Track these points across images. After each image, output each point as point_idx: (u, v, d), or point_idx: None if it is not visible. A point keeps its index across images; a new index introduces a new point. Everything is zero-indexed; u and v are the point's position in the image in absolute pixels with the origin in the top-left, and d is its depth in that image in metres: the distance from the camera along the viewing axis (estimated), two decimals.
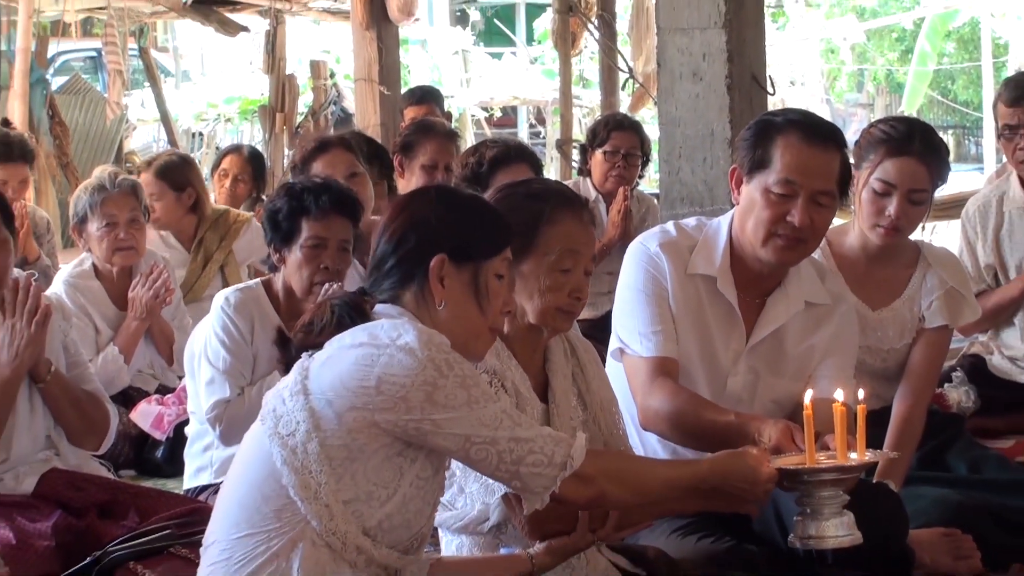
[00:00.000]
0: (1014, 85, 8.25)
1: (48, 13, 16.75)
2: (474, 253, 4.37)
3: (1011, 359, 8.07)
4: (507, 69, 29.63)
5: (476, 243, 4.39)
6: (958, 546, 5.75)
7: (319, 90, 18.55)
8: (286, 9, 18.86)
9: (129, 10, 18.17)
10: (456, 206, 4.58)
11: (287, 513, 4.22)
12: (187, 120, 22.70)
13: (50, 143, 14.77)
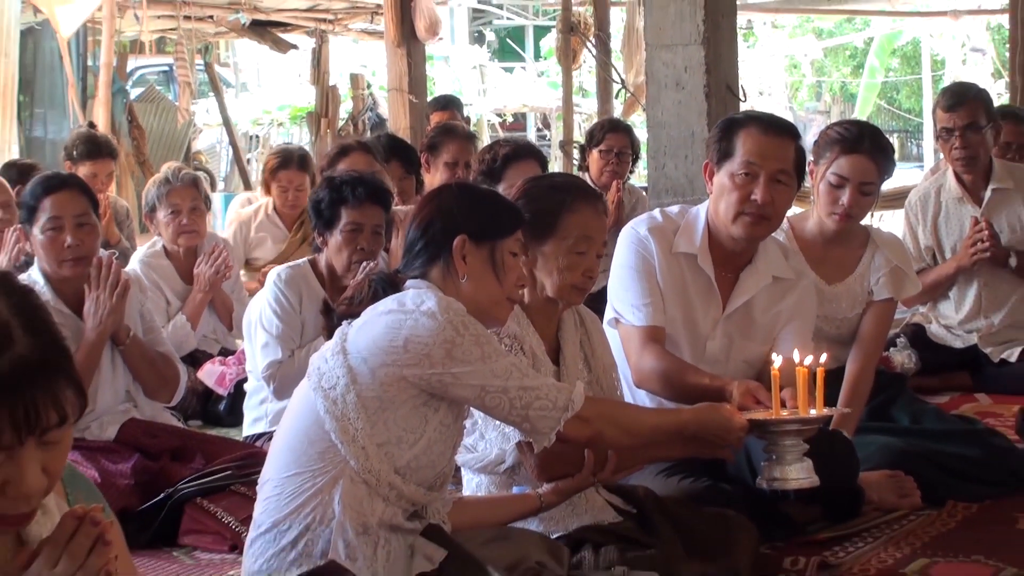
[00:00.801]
0: (950, 94, 8.30)
1: (127, 33, 16.74)
2: (490, 234, 4.39)
3: (946, 327, 8.13)
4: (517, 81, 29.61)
5: (492, 226, 4.41)
6: (901, 486, 5.76)
7: (358, 99, 18.52)
8: (329, 30, 18.85)
9: (196, 31, 18.16)
10: (474, 196, 4.65)
11: (329, 455, 4.23)
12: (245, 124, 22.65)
13: (129, 144, 14.76)
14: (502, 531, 4.59)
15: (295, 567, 4.20)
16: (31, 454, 2.27)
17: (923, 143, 26.60)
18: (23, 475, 2.27)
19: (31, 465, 2.28)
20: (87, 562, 2.34)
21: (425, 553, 4.28)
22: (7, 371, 2.23)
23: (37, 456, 2.28)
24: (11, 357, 2.24)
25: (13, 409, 2.23)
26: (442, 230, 4.41)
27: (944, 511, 5.69)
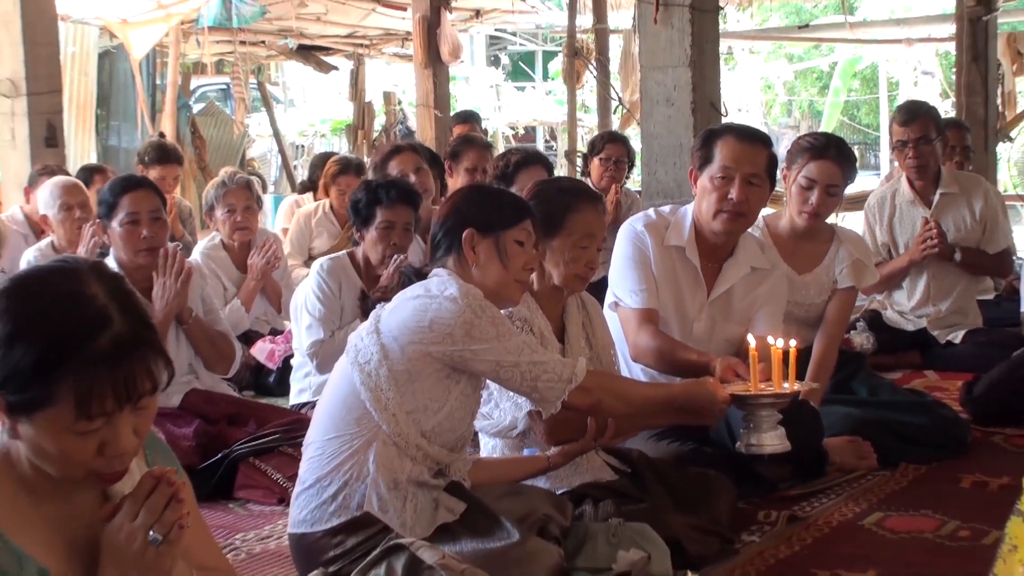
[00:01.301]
0: (904, 111, 8.27)
1: (190, 56, 16.75)
2: (495, 226, 4.43)
3: (899, 313, 8.12)
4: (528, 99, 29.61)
5: (495, 218, 4.44)
6: (859, 449, 5.76)
7: (390, 113, 18.56)
8: (365, 53, 18.85)
9: (250, 54, 18.16)
10: (481, 194, 4.73)
11: (364, 421, 4.25)
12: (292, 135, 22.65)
13: (192, 152, 14.76)
14: (514, 487, 4.61)
15: (335, 518, 4.21)
16: (126, 419, 2.31)
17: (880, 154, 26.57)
18: (119, 437, 2.30)
19: (126, 428, 2.31)
20: (163, 516, 2.36)
21: (447, 506, 4.29)
22: (109, 348, 2.26)
23: (130, 420, 2.32)
24: (111, 335, 2.27)
25: (115, 381, 2.26)
26: (454, 225, 4.47)
27: (897, 472, 5.69)
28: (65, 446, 2.30)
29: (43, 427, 2.28)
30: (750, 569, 4.51)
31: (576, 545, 4.35)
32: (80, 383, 2.25)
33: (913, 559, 4.59)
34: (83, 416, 2.27)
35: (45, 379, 2.26)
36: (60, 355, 2.26)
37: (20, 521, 2.34)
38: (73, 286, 2.34)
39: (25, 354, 2.26)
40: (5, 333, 2.29)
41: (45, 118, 9.47)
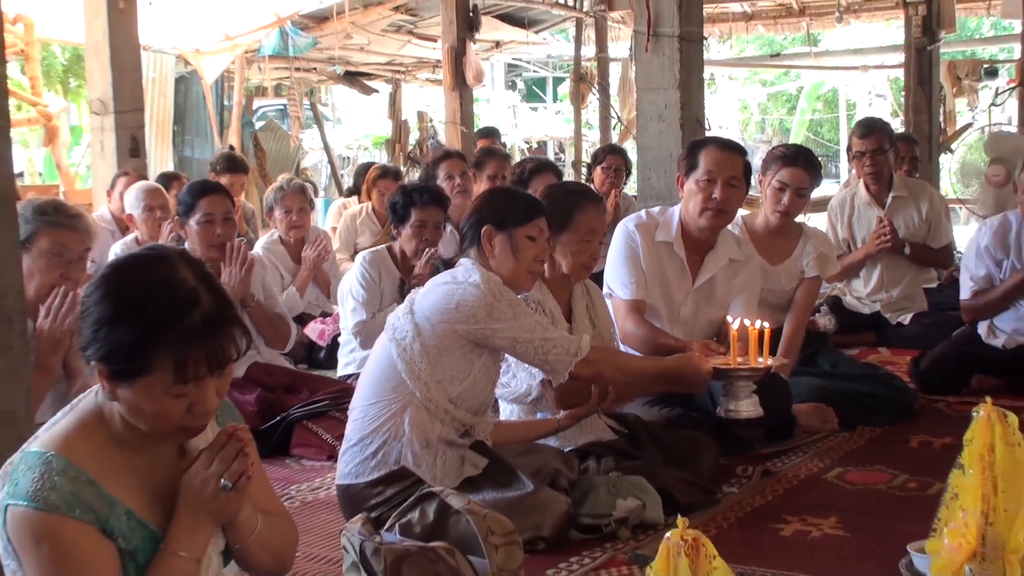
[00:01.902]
0: (862, 126, 8.34)
1: (253, 80, 16.74)
2: (508, 223, 4.44)
3: (857, 298, 8.12)
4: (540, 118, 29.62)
5: (509, 217, 4.45)
6: (823, 414, 5.75)
7: (423, 130, 18.53)
8: (402, 78, 18.84)
9: (304, 79, 18.17)
10: (498, 196, 4.78)
11: (400, 388, 4.28)
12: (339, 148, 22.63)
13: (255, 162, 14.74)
14: (529, 446, 4.63)
15: (375, 471, 4.24)
16: (211, 382, 2.35)
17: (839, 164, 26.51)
18: (206, 398, 2.35)
19: (211, 390, 2.36)
20: (232, 467, 2.38)
21: (472, 461, 4.32)
22: (200, 323, 2.31)
23: (214, 383, 2.37)
24: (202, 312, 2.32)
25: (208, 351, 2.31)
26: (476, 222, 4.49)
27: (855, 433, 5.68)
28: (161, 407, 2.33)
29: (142, 391, 2.32)
30: (730, 515, 4.50)
31: (581, 495, 4.36)
32: (177, 354, 2.29)
33: (869, 507, 4.58)
34: (180, 381, 2.31)
35: (145, 352, 2.29)
36: (159, 332, 2.29)
37: (111, 471, 2.36)
38: (166, 272, 2.37)
39: (127, 332, 2.30)
40: (108, 314, 2.33)
41: (129, 132, 9.48)
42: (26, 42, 12.16)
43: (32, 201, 4.69)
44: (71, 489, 2.28)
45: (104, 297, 2.35)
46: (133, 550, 2.36)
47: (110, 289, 2.36)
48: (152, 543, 2.39)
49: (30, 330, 4.14)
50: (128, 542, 2.35)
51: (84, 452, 2.35)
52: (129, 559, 2.36)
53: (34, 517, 2.25)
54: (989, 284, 6.42)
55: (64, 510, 2.26)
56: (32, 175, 17.12)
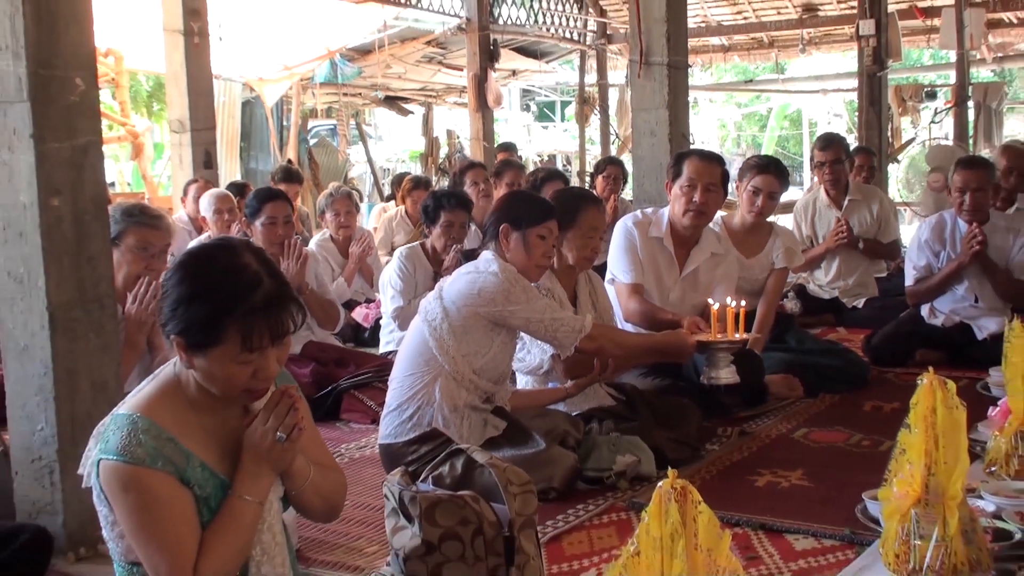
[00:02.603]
0: (823, 141, 8.47)
1: (307, 104, 16.70)
2: (522, 223, 4.43)
3: (819, 286, 8.11)
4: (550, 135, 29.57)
5: (523, 218, 4.44)
6: (790, 384, 5.75)
7: (451, 145, 18.48)
8: (433, 101, 18.80)
9: (350, 103, 18.16)
10: (515, 199, 4.76)
11: (432, 362, 4.28)
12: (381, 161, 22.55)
13: (309, 173, 14.72)
14: (542, 411, 4.63)
15: (411, 432, 4.25)
16: (271, 351, 2.37)
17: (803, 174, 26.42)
18: (268, 365, 2.37)
19: (272, 358, 2.38)
20: (285, 420, 2.40)
21: (493, 424, 4.32)
22: (262, 301, 2.33)
23: (274, 353, 2.38)
24: (263, 292, 2.34)
25: (269, 325, 2.34)
26: (496, 220, 4.49)
27: (818, 400, 5.67)
28: (230, 372, 2.35)
29: (214, 359, 2.34)
30: (712, 469, 4.51)
31: (586, 452, 4.36)
32: (244, 328, 2.31)
33: (829, 461, 4.58)
34: (246, 350, 2.33)
35: (216, 326, 2.31)
36: (228, 308, 2.31)
37: (187, 429, 2.38)
38: (233, 258, 2.39)
39: (201, 309, 2.32)
40: (184, 294, 2.35)
41: (203, 148, 9.47)
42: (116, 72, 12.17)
43: (120, 204, 4.69)
44: (154, 445, 2.29)
45: (181, 280, 2.37)
46: (207, 497, 2.37)
47: (186, 273, 2.38)
48: (222, 490, 2.40)
49: (119, 314, 4.14)
50: (202, 490, 2.36)
51: (164, 413, 2.36)
52: (203, 504, 2.37)
53: (122, 469, 2.27)
54: (929, 272, 6.44)
55: (148, 463, 2.28)
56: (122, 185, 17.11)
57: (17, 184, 3.59)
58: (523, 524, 2.73)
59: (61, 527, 3.66)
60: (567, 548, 3.64)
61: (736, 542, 3.22)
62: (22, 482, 3.75)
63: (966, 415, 2.89)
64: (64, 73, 3.62)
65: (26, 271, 3.62)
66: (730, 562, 2.20)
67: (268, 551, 2.46)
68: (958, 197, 6.29)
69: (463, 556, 2.68)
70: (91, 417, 3.68)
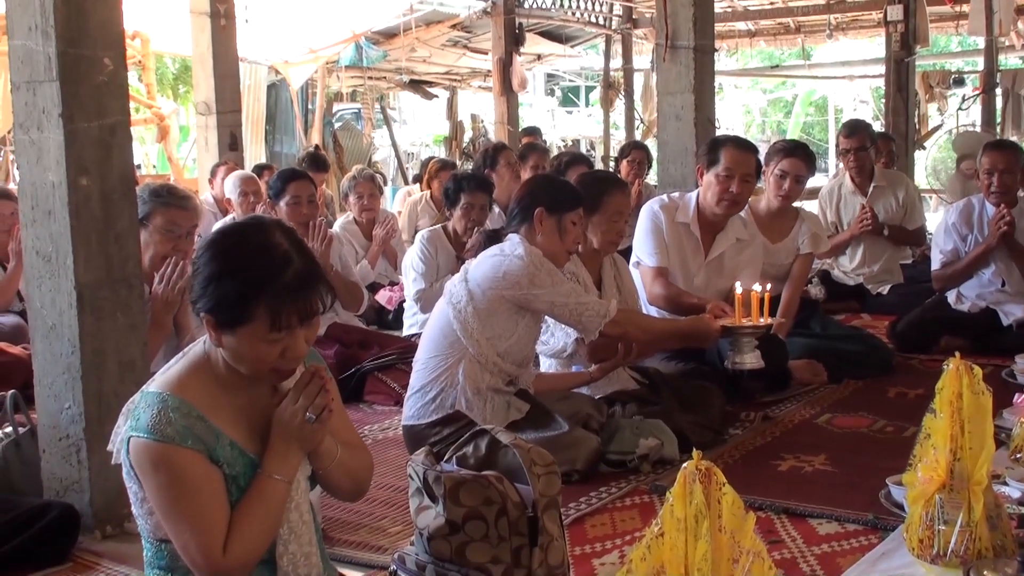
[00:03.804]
0: (848, 127, 8.39)
1: (332, 87, 16.73)
2: (559, 208, 4.41)
3: (843, 272, 8.09)
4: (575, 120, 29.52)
5: (560, 203, 4.42)
6: (814, 369, 5.73)
7: (475, 129, 18.48)
8: (458, 85, 18.79)
9: (375, 86, 18.18)
10: (552, 184, 4.70)
11: (456, 344, 4.28)
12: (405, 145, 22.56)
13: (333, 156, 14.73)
14: (565, 394, 4.64)
15: (434, 414, 4.26)
16: (300, 331, 2.37)
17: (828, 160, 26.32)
18: (296, 344, 2.37)
19: (300, 338, 2.38)
20: (315, 401, 2.40)
21: (517, 407, 4.32)
22: (293, 281, 2.33)
23: (303, 332, 2.38)
24: (294, 271, 2.33)
25: (298, 304, 2.33)
26: (529, 204, 4.44)
27: (841, 385, 5.66)
28: (259, 351, 2.35)
29: (243, 338, 2.34)
30: (735, 453, 4.51)
31: (609, 435, 4.36)
32: (273, 307, 2.31)
33: (853, 447, 4.57)
34: (275, 329, 2.32)
35: (246, 304, 2.31)
36: (258, 287, 2.31)
37: (217, 408, 2.39)
38: (264, 236, 2.38)
39: (231, 287, 2.32)
40: (215, 272, 2.35)
41: (229, 130, 9.50)
42: (143, 54, 12.22)
43: (148, 185, 4.70)
44: (184, 423, 2.30)
45: (212, 258, 2.37)
46: (236, 475, 2.38)
47: (217, 251, 2.38)
48: (251, 469, 2.41)
49: (146, 294, 4.16)
50: (231, 468, 2.37)
51: (194, 392, 2.37)
52: (232, 483, 2.38)
53: (152, 447, 2.28)
54: (956, 257, 6.44)
55: (178, 441, 2.28)
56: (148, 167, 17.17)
57: (46, 163, 3.61)
58: (547, 505, 2.73)
59: (88, 505, 3.69)
60: (590, 530, 3.65)
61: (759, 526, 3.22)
62: (49, 460, 3.78)
63: (992, 400, 2.88)
64: (93, 53, 3.63)
65: (55, 250, 3.64)
66: (754, 544, 2.20)
67: (295, 530, 2.46)
68: (986, 179, 6.28)
69: (487, 536, 2.68)
70: (118, 396, 3.70)
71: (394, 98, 22.10)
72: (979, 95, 14.75)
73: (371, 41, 15.12)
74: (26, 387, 4.06)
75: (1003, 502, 3.07)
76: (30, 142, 3.63)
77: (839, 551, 3.37)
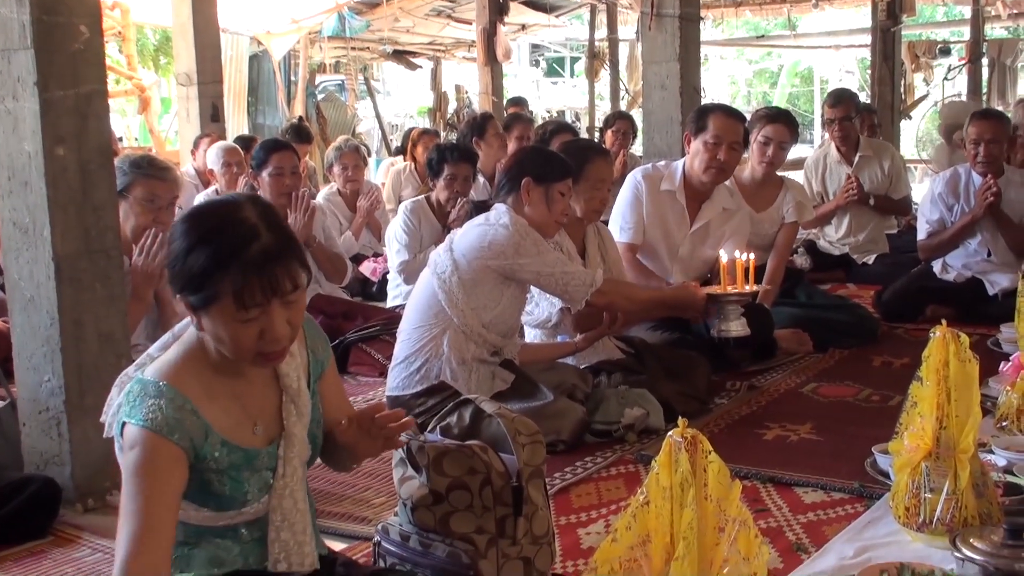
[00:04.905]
0: (833, 97, 8.38)
1: (315, 58, 16.62)
2: (547, 178, 4.40)
3: (829, 242, 8.08)
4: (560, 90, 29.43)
5: (548, 173, 4.41)
6: (800, 338, 5.73)
7: (459, 100, 18.39)
8: (442, 56, 18.72)
9: (358, 57, 18.07)
10: (540, 154, 4.70)
11: (440, 315, 4.28)
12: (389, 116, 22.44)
13: (317, 128, 14.66)
14: (551, 364, 4.63)
15: (419, 385, 4.27)
16: (278, 311, 2.26)
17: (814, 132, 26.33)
18: (273, 326, 2.26)
19: (278, 318, 2.27)
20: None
21: (502, 377, 4.32)
22: (256, 255, 2.23)
23: (282, 312, 2.28)
24: (258, 246, 2.24)
25: (262, 280, 2.23)
26: (517, 173, 4.43)
27: (827, 354, 5.67)
28: (233, 332, 2.27)
29: (215, 318, 2.27)
30: (721, 422, 4.51)
31: (595, 405, 4.36)
32: (236, 282, 2.22)
33: (838, 416, 4.58)
34: (240, 307, 2.24)
35: (211, 280, 2.24)
36: (222, 261, 2.23)
37: (211, 397, 2.34)
38: (232, 211, 2.31)
39: (197, 262, 2.25)
40: (185, 247, 2.29)
41: (210, 101, 9.46)
42: (123, 25, 12.13)
43: (128, 156, 4.66)
44: (176, 416, 2.25)
45: (183, 233, 2.32)
46: (223, 469, 2.33)
47: (188, 227, 2.32)
48: (245, 460, 2.36)
49: (126, 266, 4.12)
50: (217, 463, 2.32)
51: (189, 381, 2.32)
52: (218, 476, 2.34)
53: (140, 432, 2.23)
54: (942, 227, 6.45)
55: (165, 432, 2.23)
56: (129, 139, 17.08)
57: (22, 133, 3.57)
58: (531, 474, 2.72)
59: (69, 478, 3.67)
60: (575, 500, 3.64)
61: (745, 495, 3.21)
62: (29, 433, 3.76)
63: (978, 369, 2.88)
64: (68, 20, 3.59)
65: (31, 221, 3.60)
66: (740, 512, 2.19)
67: (288, 517, 2.42)
68: (972, 149, 6.28)
69: (471, 506, 2.67)
70: (97, 368, 3.68)
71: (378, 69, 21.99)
72: (965, 65, 14.77)
73: (354, 11, 15.04)
74: (6, 360, 4.04)
75: (989, 470, 3.07)
76: (5, 111, 3.59)
77: (825, 519, 3.36)
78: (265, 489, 2.40)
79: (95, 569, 3.23)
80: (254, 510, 2.40)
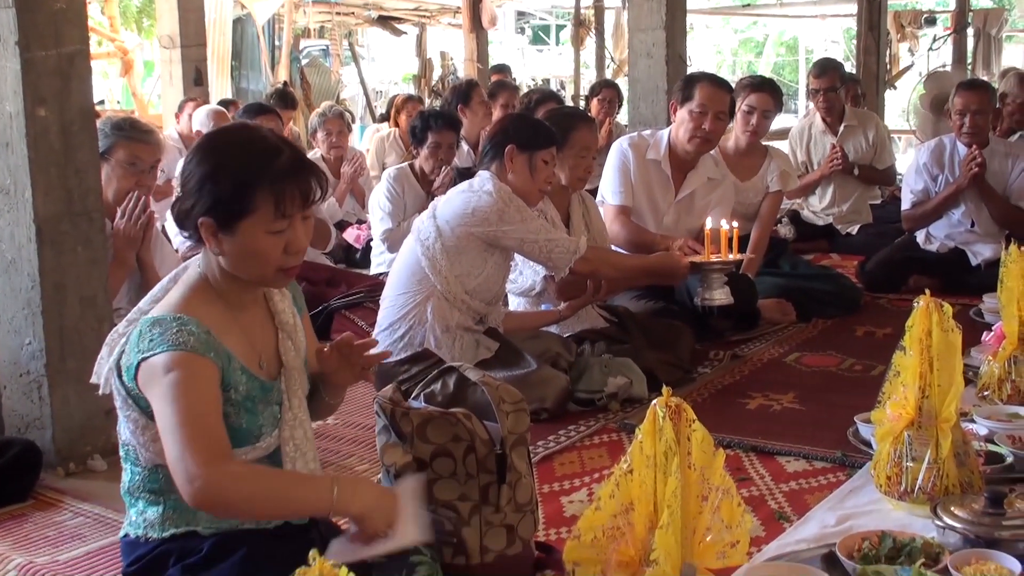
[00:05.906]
0: (819, 67, 8.33)
1: (299, 23, 16.51)
2: (530, 146, 4.38)
3: (813, 212, 8.05)
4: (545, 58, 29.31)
5: (531, 141, 4.39)
6: (783, 308, 5.74)
7: (445, 67, 18.30)
8: (427, 22, 18.62)
9: (343, 22, 17.97)
10: (524, 121, 4.68)
11: (424, 282, 4.28)
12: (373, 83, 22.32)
13: (300, 94, 14.59)
14: (534, 332, 4.62)
15: (403, 352, 4.26)
16: (299, 224, 2.38)
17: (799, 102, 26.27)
18: (297, 237, 2.38)
19: (301, 231, 2.39)
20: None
21: (486, 345, 4.32)
22: (289, 164, 2.34)
23: (302, 226, 2.39)
24: (288, 156, 2.35)
25: (299, 186, 2.34)
26: (501, 141, 4.41)
27: (810, 324, 5.67)
28: (263, 246, 2.34)
29: (247, 232, 2.33)
30: (704, 392, 4.52)
31: (578, 374, 4.36)
32: (275, 191, 2.31)
33: (821, 385, 4.60)
34: (279, 216, 2.33)
35: (247, 193, 2.31)
36: (256, 174, 2.31)
37: (224, 329, 2.38)
38: (249, 132, 2.45)
39: (228, 180, 2.32)
40: (209, 170, 2.34)
41: (194, 64, 9.42)
42: None
43: (110, 118, 4.61)
44: (205, 338, 2.28)
45: (203, 159, 2.37)
46: (242, 399, 2.37)
47: (207, 152, 2.38)
48: (260, 391, 2.41)
49: (108, 229, 4.09)
50: (238, 393, 2.35)
51: (203, 312, 2.35)
52: (240, 407, 2.37)
53: (171, 355, 2.23)
54: (926, 197, 6.46)
55: (201, 351, 2.25)
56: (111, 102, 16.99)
57: (3, 93, 3.53)
58: (515, 442, 2.72)
59: (50, 442, 3.65)
60: (558, 468, 3.65)
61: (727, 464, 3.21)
62: (10, 397, 3.74)
63: (961, 339, 2.89)
64: None
65: (12, 182, 3.57)
66: (723, 481, 2.20)
67: (300, 447, 2.50)
68: (958, 119, 6.28)
69: (455, 473, 2.67)
70: (79, 332, 3.66)
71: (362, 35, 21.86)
72: (950, 35, 14.75)
73: None
74: None
75: (971, 439, 3.08)
76: None
77: (807, 488, 3.37)
78: (274, 424, 2.47)
79: (77, 532, 3.22)
80: (266, 444, 2.45)
